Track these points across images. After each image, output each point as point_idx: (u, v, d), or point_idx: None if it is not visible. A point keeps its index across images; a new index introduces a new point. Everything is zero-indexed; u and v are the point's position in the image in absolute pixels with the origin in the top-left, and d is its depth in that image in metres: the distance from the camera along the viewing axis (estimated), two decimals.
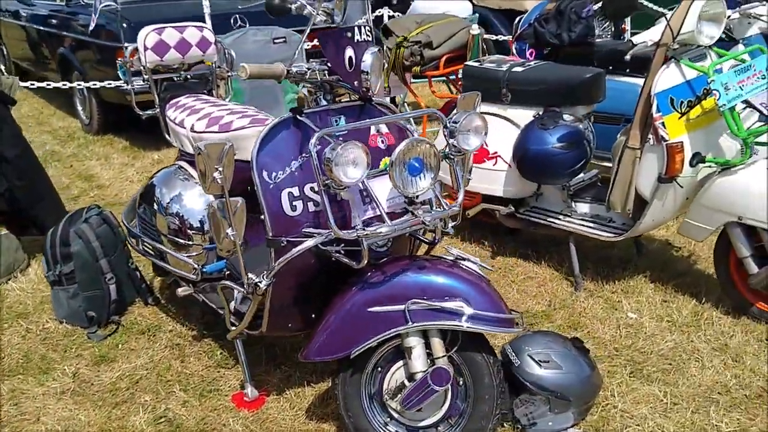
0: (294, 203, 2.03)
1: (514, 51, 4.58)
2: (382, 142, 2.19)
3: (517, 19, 4.65)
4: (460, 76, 3.75)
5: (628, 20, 4.90)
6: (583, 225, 3.22)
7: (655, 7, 7.16)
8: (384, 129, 2.21)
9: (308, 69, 2.03)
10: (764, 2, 3.56)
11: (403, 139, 1.98)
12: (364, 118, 2.16)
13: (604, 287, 3.24)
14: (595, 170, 3.48)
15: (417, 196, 1.96)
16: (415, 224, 1.95)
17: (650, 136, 2.78)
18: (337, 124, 2.10)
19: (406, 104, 5.06)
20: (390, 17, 4.87)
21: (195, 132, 2.63)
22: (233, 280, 2.45)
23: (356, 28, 2.04)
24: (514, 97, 3.34)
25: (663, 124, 2.71)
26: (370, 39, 2.08)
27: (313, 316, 2.22)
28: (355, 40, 2.04)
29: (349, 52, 2.03)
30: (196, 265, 2.60)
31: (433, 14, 4.39)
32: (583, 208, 3.31)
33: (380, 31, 3.83)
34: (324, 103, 2.14)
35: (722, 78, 2.59)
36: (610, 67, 3.60)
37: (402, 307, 1.94)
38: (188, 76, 3.11)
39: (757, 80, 2.70)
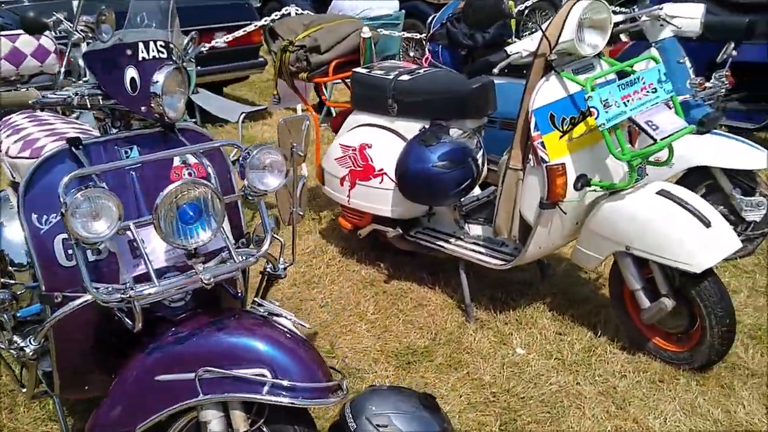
0: (70, 251, 1.72)
1: (428, 53, 4.27)
2: (190, 174, 1.88)
3: (431, 17, 4.34)
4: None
5: None
6: (473, 250, 2.94)
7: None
8: (192, 159, 1.90)
9: (72, 95, 1.71)
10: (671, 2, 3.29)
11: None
12: (167, 147, 1.85)
13: (498, 317, 2.97)
14: (493, 187, 3.19)
15: (195, 249, 1.66)
16: (190, 283, 1.64)
17: (530, 156, 2.49)
18: (127, 156, 1.79)
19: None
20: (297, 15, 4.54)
21: (9, 156, 2.30)
22: None
23: (140, 45, 1.73)
24: (400, 108, 3.04)
25: (542, 143, 2.42)
26: (164, 55, 1.77)
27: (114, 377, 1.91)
28: (140, 59, 1.72)
29: (131, 72, 1.72)
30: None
31: (324, 15, 4.07)
32: (476, 230, 3.03)
33: (267, 34, 3.51)
34: (114, 131, 1.82)
35: (602, 93, 2.30)
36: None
37: (192, 375, 1.64)
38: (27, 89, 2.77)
39: (646, 95, 2.42)
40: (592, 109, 2.28)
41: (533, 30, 7.12)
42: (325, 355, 2.77)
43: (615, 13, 3.52)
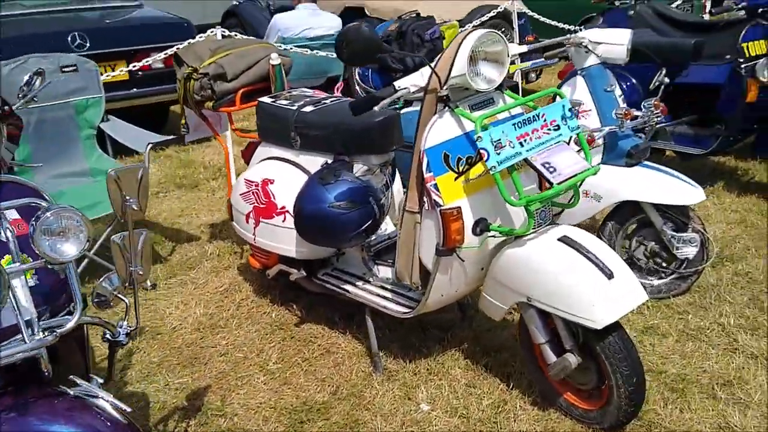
0: None
1: (357, 77, 4.08)
2: (8, 231, 1.66)
3: None
4: None
5: None
6: (378, 295, 2.73)
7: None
8: (14, 215, 1.68)
9: None
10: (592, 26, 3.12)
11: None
12: None
13: (408, 366, 2.76)
14: None
15: None
16: None
17: (425, 199, 2.30)
18: None
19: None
20: (224, 37, 4.34)
21: None
22: None
23: None
24: (303, 141, 2.84)
25: (436, 186, 2.22)
26: None
27: None
28: None
29: None
30: None
31: (235, 39, 3.88)
32: (385, 272, 2.82)
33: (174, 60, 3.30)
34: None
35: (494, 133, 2.11)
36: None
37: None
38: None
39: (547, 133, 2.23)
40: (481, 151, 2.08)
41: None
42: (214, 413, 2.55)
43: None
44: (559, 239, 2.22)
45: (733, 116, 4.15)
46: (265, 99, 3.01)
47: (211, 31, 4.39)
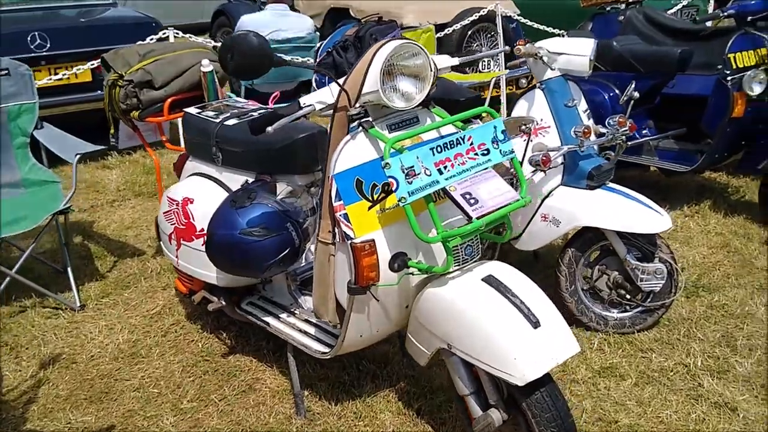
0: None
1: (314, 83, 3.84)
2: None
3: (318, 45, 3.91)
4: None
5: None
6: (300, 330, 2.48)
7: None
8: None
9: None
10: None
11: None
12: None
13: (333, 408, 2.50)
14: None
15: None
16: None
17: (336, 230, 2.04)
18: None
19: None
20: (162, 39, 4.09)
21: None
22: None
23: None
24: (225, 157, 2.59)
25: (346, 216, 1.96)
26: None
27: None
28: None
29: None
30: None
31: (167, 43, 3.64)
32: (311, 303, 2.56)
33: (102, 65, 3.07)
34: None
35: (405, 159, 1.84)
36: None
37: None
38: None
39: (472, 158, 1.96)
40: (390, 180, 1.82)
41: (478, 51, 6.70)
42: None
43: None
44: (483, 279, 1.95)
45: (719, 132, 3.85)
46: (191, 110, 2.76)
47: (163, 33, 4.15)
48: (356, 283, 1.98)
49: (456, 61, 2.27)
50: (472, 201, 1.87)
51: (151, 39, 4.73)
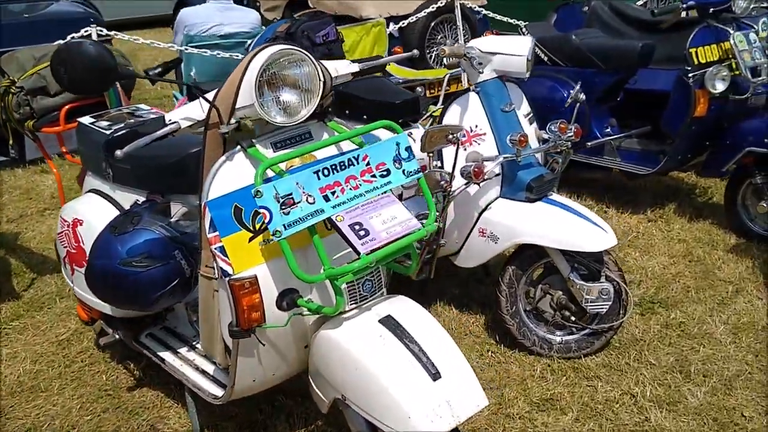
0: None
1: None
2: None
3: (248, 42, 3.63)
4: None
5: None
6: (197, 368, 2.22)
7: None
8: None
9: None
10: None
11: None
12: None
13: None
14: None
15: None
16: None
17: (214, 264, 1.78)
18: None
19: None
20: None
21: None
22: None
23: None
24: (116, 173, 2.33)
25: (223, 249, 1.70)
26: None
27: None
28: None
29: None
30: None
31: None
32: None
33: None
34: None
35: (281, 185, 1.58)
36: None
37: None
38: None
39: (369, 181, 1.70)
40: (262, 211, 1.56)
41: (442, 44, 6.41)
42: None
43: None
44: (382, 320, 1.70)
45: (681, 132, 3.61)
46: (86, 119, 2.48)
47: (85, 31, 3.85)
48: (238, 325, 1.73)
49: (356, 67, 2.00)
50: (362, 233, 1.61)
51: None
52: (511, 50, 2.56)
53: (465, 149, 2.60)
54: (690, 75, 3.47)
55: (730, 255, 3.46)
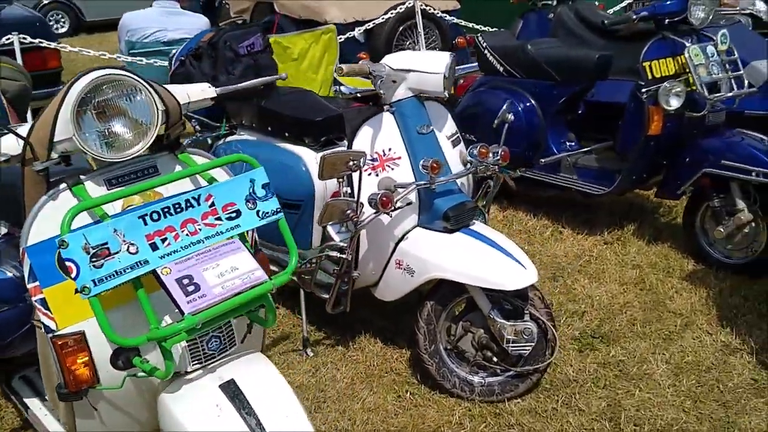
0: None
1: None
2: None
3: (173, 52, 3.43)
4: None
5: None
6: (58, 422, 2.00)
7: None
8: None
9: None
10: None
11: None
12: None
13: None
14: None
15: None
16: None
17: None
18: None
19: None
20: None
21: None
22: None
23: None
24: None
25: (44, 301, 1.49)
26: None
27: None
28: None
29: None
30: None
31: None
32: None
33: None
34: None
35: (93, 234, 1.36)
36: None
37: None
38: None
39: (210, 224, 1.48)
40: (68, 264, 1.35)
41: (410, 49, 6.19)
42: None
43: None
44: (222, 386, 1.49)
45: (635, 151, 3.38)
46: None
47: (7, 39, 3.65)
48: (66, 387, 1.51)
49: (213, 92, 1.78)
50: (191, 288, 1.40)
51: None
52: (427, 67, 2.34)
53: (377, 174, 2.39)
54: (643, 90, 3.24)
55: (684, 283, 3.24)
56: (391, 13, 5.39)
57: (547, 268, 3.44)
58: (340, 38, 4.91)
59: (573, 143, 3.97)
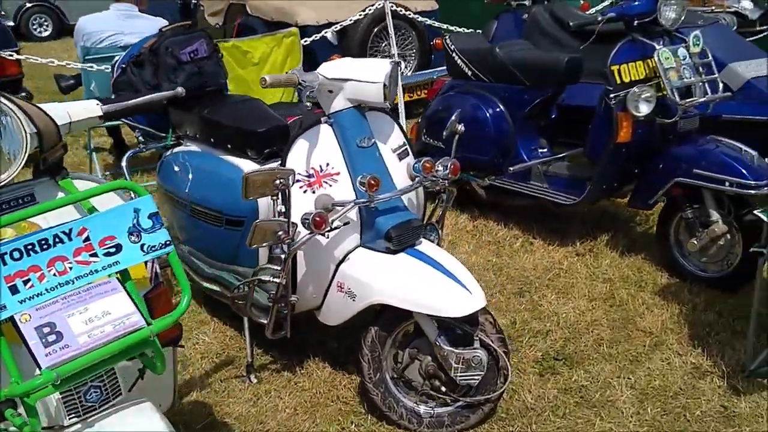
0: None
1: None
2: None
3: (115, 58, 3.26)
4: None
5: None
6: None
7: None
8: None
9: None
10: None
11: None
12: None
13: None
14: None
15: None
16: None
17: None
18: None
19: None
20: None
21: None
22: None
23: None
24: None
25: None
26: None
27: None
28: None
29: None
30: None
31: None
32: None
33: None
34: None
35: None
36: None
37: None
38: None
39: (83, 262, 1.31)
40: None
41: (386, 54, 6.02)
42: None
43: None
44: None
45: (605, 159, 3.21)
46: None
47: None
48: None
49: (99, 110, 1.60)
50: (52, 337, 1.23)
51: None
52: (366, 76, 2.17)
53: (314, 192, 2.22)
54: (612, 96, 3.07)
55: (656, 298, 3.07)
56: (360, 14, 5.22)
57: (514, 283, 3.27)
58: (305, 41, 4.76)
59: (545, 150, 3.80)
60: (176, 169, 2.91)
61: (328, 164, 2.23)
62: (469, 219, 3.99)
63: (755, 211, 2.37)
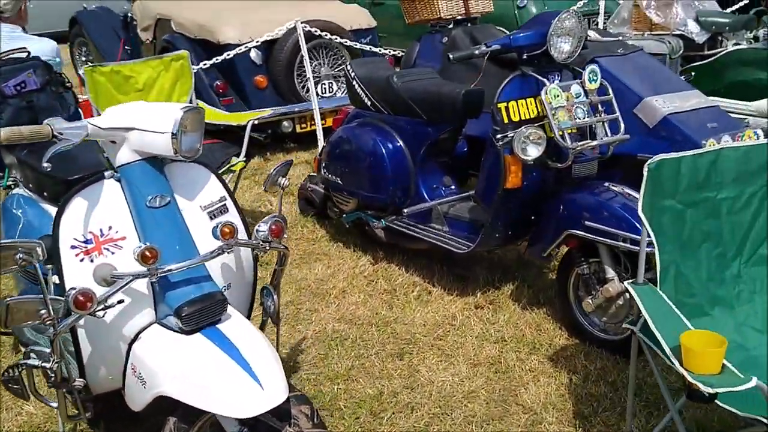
0: None
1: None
2: None
3: None
4: None
5: None
6: None
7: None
8: None
9: None
10: None
11: None
12: None
13: None
14: None
15: None
16: None
17: None
18: None
19: None
20: None
21: None
22: None
23: None
24: None
25: None
26: None
27: None
28: None
29: None
30: None
31: None
32: None
33: None
34: None
35: None
36: None
37: None
38: None
39: None
40: None
41: (317, 75, 5.68)
42: None
43: None
44: None
45: (495, 206, 2.88)
46: None
47: None
48: None
49: None
50: None
51: None
52: (152, 125, 1.83)
53: (92, 260, 1.87)
54: (499, 136, 2.74)
55: (547, 365, 2.73)
56: (278, 32, 4.89)
57: (396, 342, 2.93)
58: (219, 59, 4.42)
59: (451, 188, 3.47)
60: (8, 216, 2.58)
61: (110, 227, 1.89)
62: (370, 262, 3.65)
63: (624, 282, 2.03)
